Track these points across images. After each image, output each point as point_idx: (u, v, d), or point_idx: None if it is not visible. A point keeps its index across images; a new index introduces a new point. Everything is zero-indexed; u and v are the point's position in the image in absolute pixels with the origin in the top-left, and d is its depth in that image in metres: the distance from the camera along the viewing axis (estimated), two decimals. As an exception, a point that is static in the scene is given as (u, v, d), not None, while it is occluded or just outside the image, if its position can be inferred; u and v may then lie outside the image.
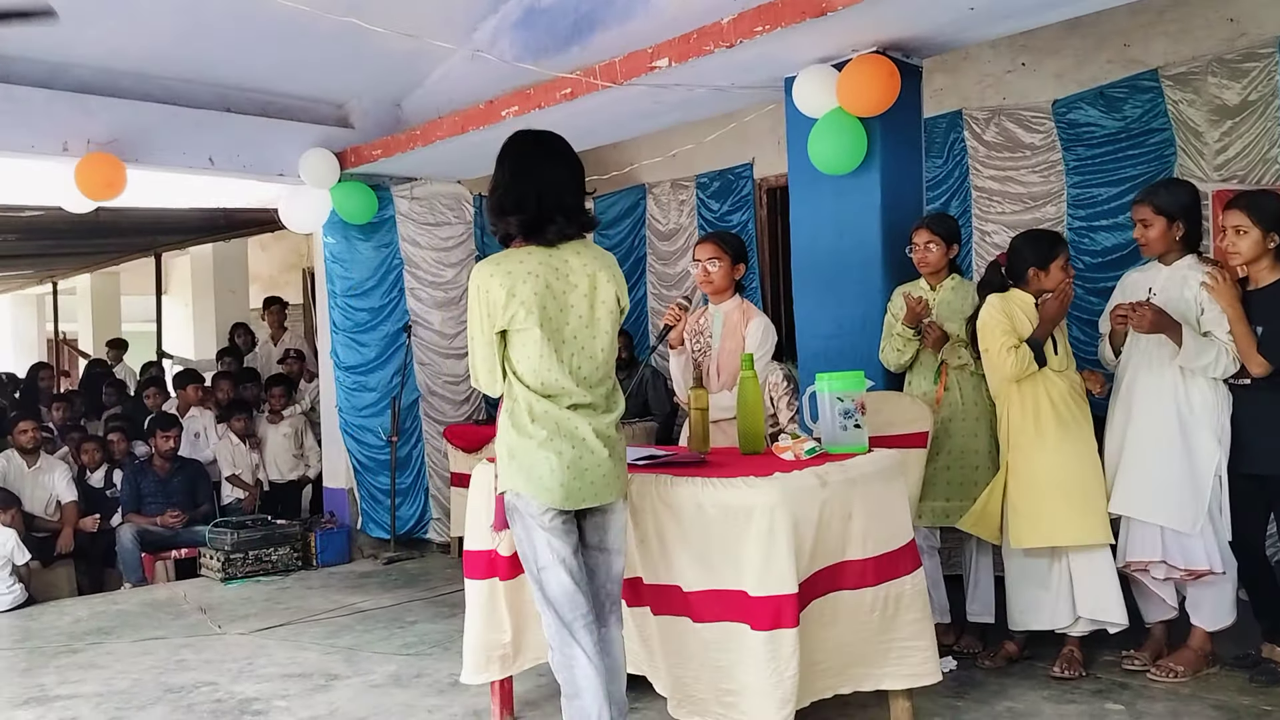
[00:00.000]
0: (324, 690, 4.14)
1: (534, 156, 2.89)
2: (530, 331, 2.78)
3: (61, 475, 6.91)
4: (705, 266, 4.13)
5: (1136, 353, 3.82)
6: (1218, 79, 5.05)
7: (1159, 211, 3.75)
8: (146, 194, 6.65)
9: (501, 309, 2.77)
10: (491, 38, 5.98)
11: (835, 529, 3.10)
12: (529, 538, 2.86)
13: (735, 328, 4.11)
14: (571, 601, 2.84)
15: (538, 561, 2.86)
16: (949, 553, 4.43)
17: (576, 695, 2.85)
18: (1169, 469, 3.67)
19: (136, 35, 5.54)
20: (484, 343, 2.84)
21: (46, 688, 4.36)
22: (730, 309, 4.16)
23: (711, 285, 4.14)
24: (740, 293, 4.24)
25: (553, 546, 2.83)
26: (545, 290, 2.79)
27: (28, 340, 15.96)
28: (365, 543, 7.12)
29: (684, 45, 4.52)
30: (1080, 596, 3.80)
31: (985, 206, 5.96)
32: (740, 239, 4.41)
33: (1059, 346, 3.85)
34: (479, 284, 2.82)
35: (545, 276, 2.80)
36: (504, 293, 2.76)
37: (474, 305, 2.84)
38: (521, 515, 2.85)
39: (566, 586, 2.84)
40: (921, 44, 4.46)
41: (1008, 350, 3.73)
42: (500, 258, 2.84)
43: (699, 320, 4.19)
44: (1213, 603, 3.74)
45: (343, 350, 6.99)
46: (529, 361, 2.80)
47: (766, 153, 7.08)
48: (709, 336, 4.15)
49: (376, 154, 6.42)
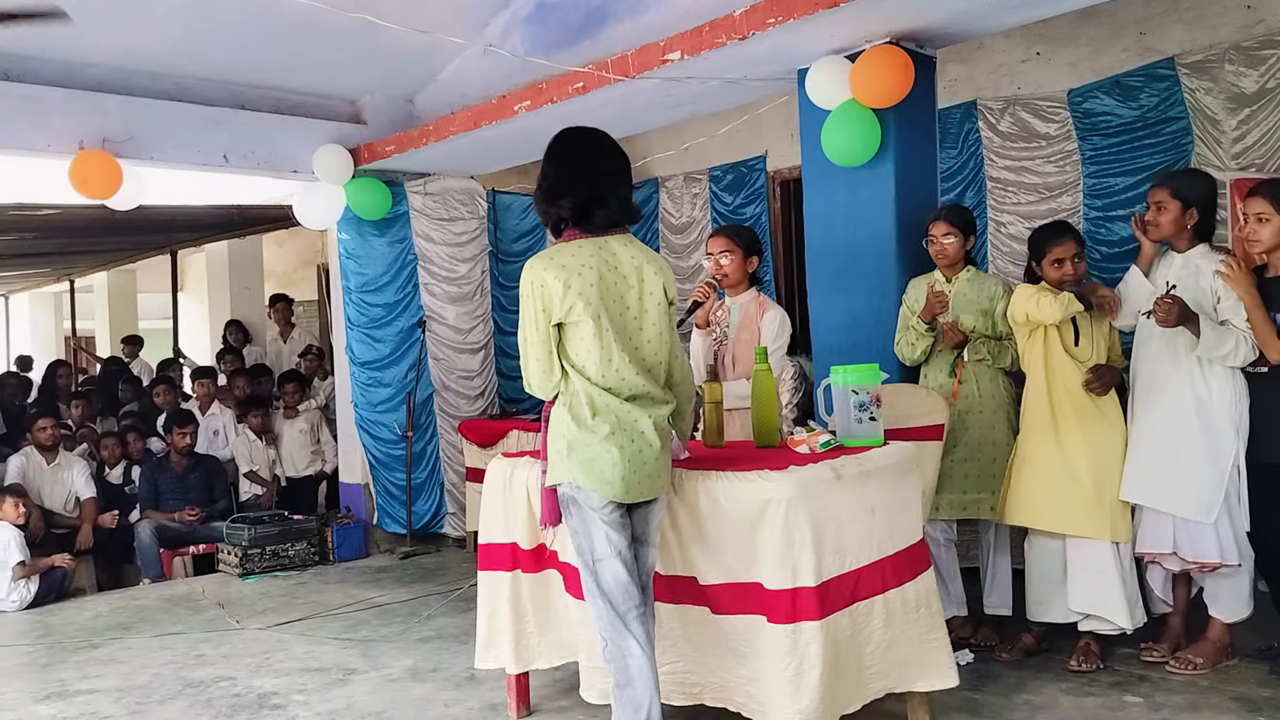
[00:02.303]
0: (341, 684, 4.16)
1: (583, 147, 2.97)
2: (587, 324, 2.82)
3: (80, 472, 6.95)
4: (718, 260, 4.16)
5: (1154, 343, 3.80)
6: (1235, 67, 5.00)
7: (1176, 196, 3.73)
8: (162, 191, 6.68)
9: (559, 301, 2.81)
10: (503, 32, 5.99)
11: (861, 523, 3.08)
12: (586, 530, 2.92)
13: (751, 319, 4.14)
14: (626, 593, 2.90)
15: (594, 554, 2.92)
16: (966, 546, 4.42)
17: (629, 684, 2.90)
18: (1186, 458, 3.65)
19: (150, 33, 5.56)
20: (539, 340, 2.87)
21: (67, 683, 4.39)
22: (747, 301, 4.20)
23: (726, 278, 4.15)
24: (757, 285, 4.26)
25: (610, 539, 2.89)
26: (600, 281, 2.84)
27: (45, 338, 16.07)
28: (381, 538, 7.15)
29: (696, 38, 4.51)
30: (1073, 589, 3.80)
31: (1000, 197, 5.93)
32: (753, 231, 4.41)
33: (1081, 338, 3.84)
34: (532, 279, 2.86)
35: (599, 268, 2.85)
36: (560, 285, 2.80)
37: (527, 302, 2.88)
38: (580, 508, 2.90)
39: (621, 578, 2.90)
40: (935, 34, 4.44)
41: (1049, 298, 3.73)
42: (552, 252, 2.89)
43: (716, 312, 4.20)
44: (1229, 594, 3.72)
45: (358, 346, 7.01)
46: (589, 354, 2.84)
47: (780, 145, 7.06)
48: (725, 327, 4.18)
49: (390, 150, 6.43)
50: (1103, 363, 3.87)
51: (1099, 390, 3.81)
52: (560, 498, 2.97)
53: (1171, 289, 3.70)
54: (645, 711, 2.89)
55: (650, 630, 3.01)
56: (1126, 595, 3.76)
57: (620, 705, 2.94)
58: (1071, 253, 3.87)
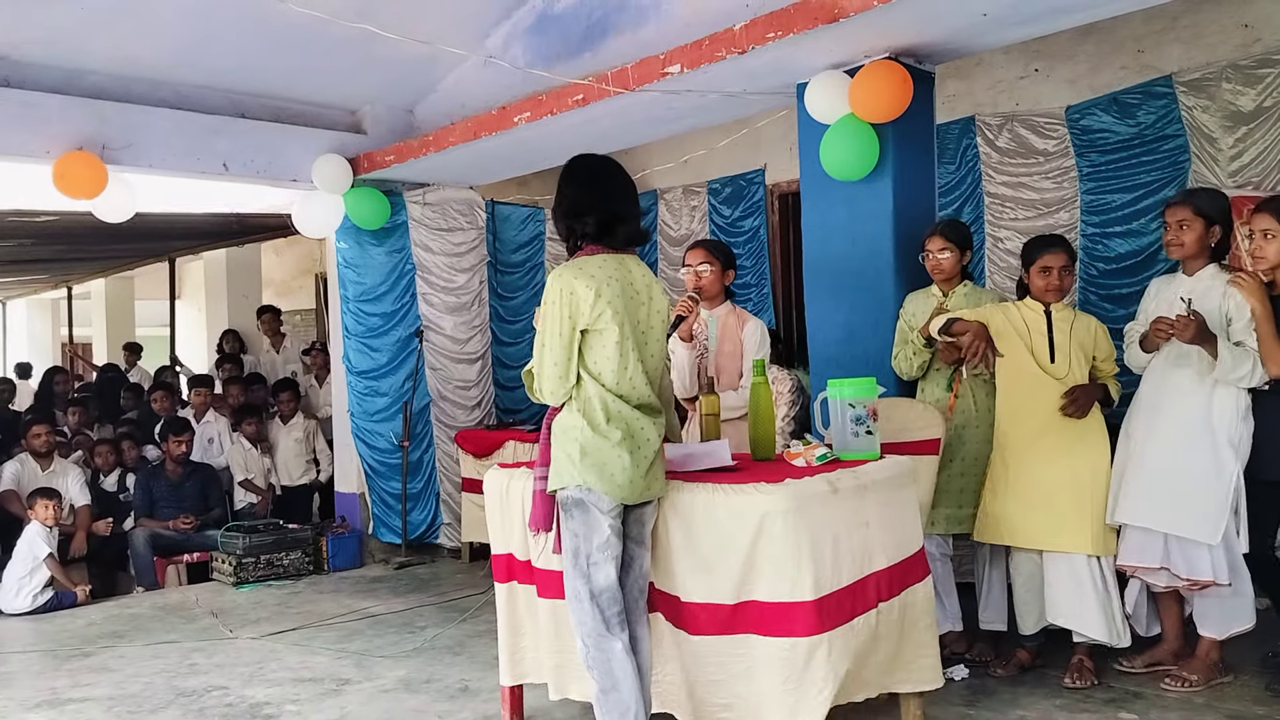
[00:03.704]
0: (335, 695, 4.15)
1: (600, 171, 3.14)
2: (612, 331, 2.93)
3: (75, 479, 6.93)
4: (696, 271, 4.27)
5: (1160, 363, 3.76)
6: (1232, 85, 5.03)
7: (1199, 213, 3.68)
8: (160, 199, 6.68)
9: (589, 307, 2.91)
10: (504, 44, 6.01)
11: (857, 536, 3.09)
12: (588, 533, 2.97)
13: (731, 331, 4.24)
14: (614, 596, 2.99)
15: (590, 557, 2.98)
16: (961, 560, 4.41)
17: (614, 688, 2.94)
18: (1192, 479, 3.60)
19: (150, 41, 5.57)
20: (561, 345, 2.95)
21: (59, 690, 4.37)
22: (724, 314, 4.30)
23: (703, 290, 4.24)
24: (731, 298, 4.38)
25: (610, 543, 2.98)
26: (621, 294, 2.97)
27: (42, 344, 16.06)
28: (376, 547, 7.13)
29: (696, 51, 4.53)
30: (1050, 602, 3.81)
31: (998, 213, 5.95)
32: (728, 247, 4.51)
33: (1056, 354, 3.84)
34: (561, 286, 2.95)
35: (621, 282, 2.99)
36: (591, 293, 2.91)
37: (553, 308, 2.95)
38: (587, 510, 2.96)
39: (612, 581, 2.99)
40: (934, 50, 4.45)
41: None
42: (581, 263, 3.00)
43: (695, 326, 4.24)
44: (1219, 612, 3.70)
45: (355, 355, 7.01)
46: (608, 362, 2.95)
47: (778, 158, 7.08)
48: (705, 340, 4.26)
49: (389, 159, 6.44)
50: (1083, 381, 3.84)
51: (1074, 414, 3.80)
52: (562, 501, 3.02)
53: (1188, 304, 3.59)
54: (632, 714, 2.92)
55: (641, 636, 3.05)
56: (1104, 609, 3.75)
57: (605, 711, 2.95)
58: (1060, 263, 3.87)
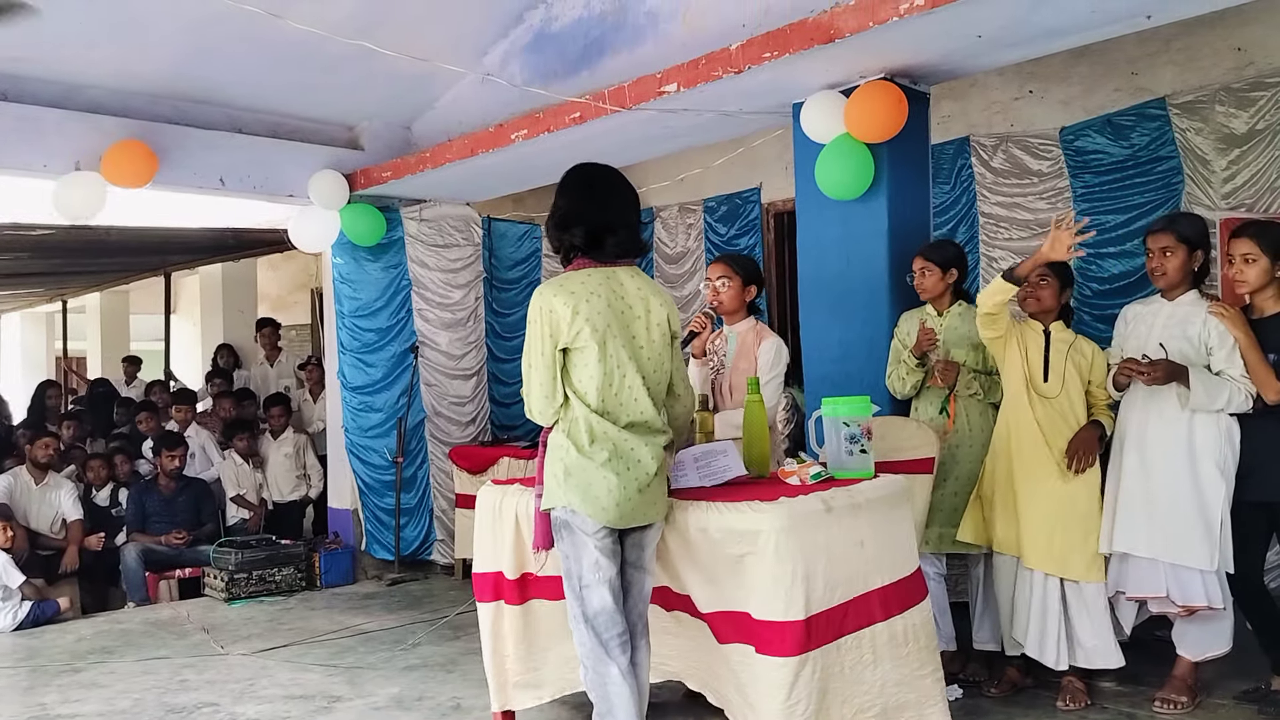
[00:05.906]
0: (326, 712, 4.12)
1: (596, 180, 3.09)
2: (591, 350, 2.88)
3: (68, 493, 6.90)
4: (715, 286, 4.17)
5: (1143, 392, 3.73)
6: (1225, 107, 5.07)
7: (1182, 240, 3.66)
8: (157, 213, 6.69)
9: (567, 325, 2.87)
10: (502, 61, 6.03)
11: (851, 556, 3.07)
12: (577, 555, 2.94)
13: (749, 348, 4.12)
14: (610, 620, 2.93)
15: (582, 579, 2.94)
16: (955, 580, 4.41)
17: (610, 713, 2.92)
18: (1181, 506, 3.59)
19: (148, 56, 5.59)
20: (544, 365, 2.92)
21: (48, 706, 4.34)
22: (744, 330, 4.18)
23: (721, 305, 4.16)
24: (755, 315, 4.27)
25: (600, 565, 2.92)
26: (607, 309, 2.91)
27: (36, 358, 16.01)
28: (369, 564, 7.11)
29: (693, 70, 4.55)
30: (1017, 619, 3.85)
31: (993, 233, 5.97)
32: (753, 260, 4.42)
33: (1050, 374, 3.83)
34: (541, 304, 2.92)
35: (607, 297, 2.93)
36: (569, 310, 2.86)
37: (535, 327, 2.93)
38: (574, 532, 2.93)
39: (607, 604, 2.93)
40: (929, 71, 4.48)
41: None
42: (563, 279, 2.96)
43: (714, 340, 4.21)
44: (1198, 634, 3.68)
45: (350, 371, 7.00)
46: (591, 381, 2.89)
47: (774, 177, 7.11)
48: (723, 356, 4.17)
49: (386, 176, 6.45)
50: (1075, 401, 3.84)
51: (1077, 469, 3.78)
52: (554, 522, 2.99)
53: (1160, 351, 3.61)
54: None
55: (640, 661, 3.01)
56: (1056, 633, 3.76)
57: None
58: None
